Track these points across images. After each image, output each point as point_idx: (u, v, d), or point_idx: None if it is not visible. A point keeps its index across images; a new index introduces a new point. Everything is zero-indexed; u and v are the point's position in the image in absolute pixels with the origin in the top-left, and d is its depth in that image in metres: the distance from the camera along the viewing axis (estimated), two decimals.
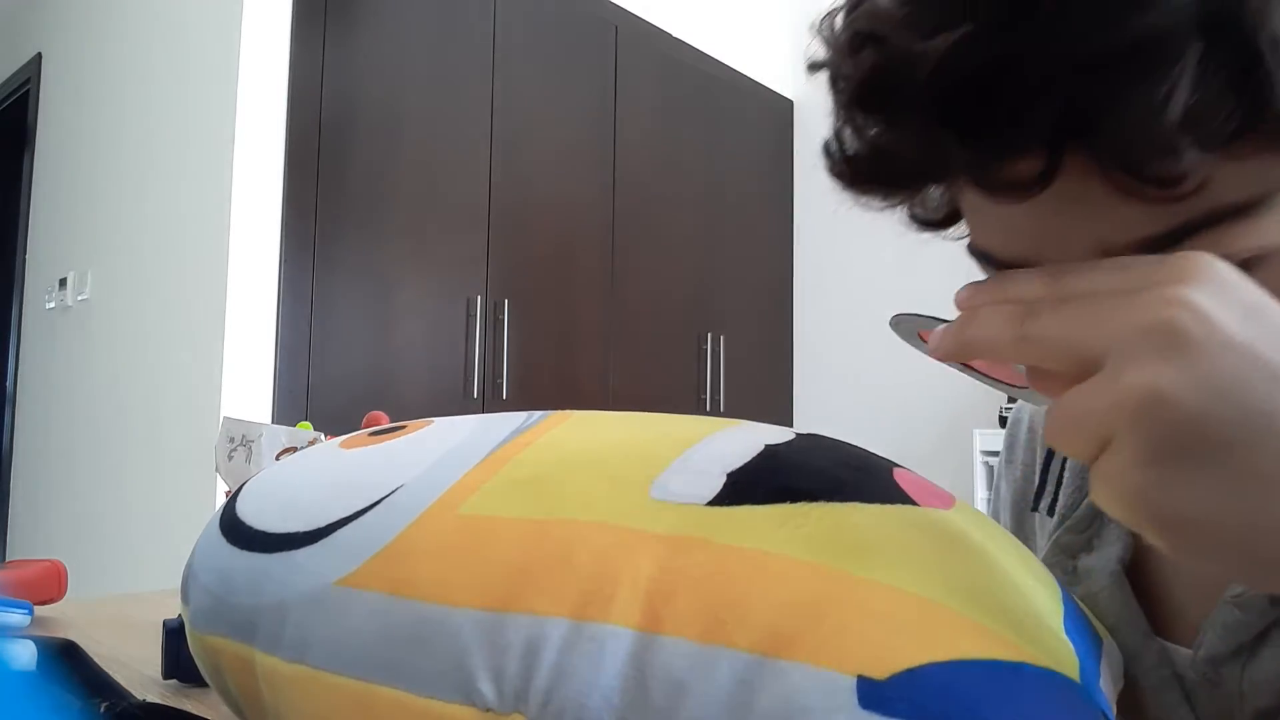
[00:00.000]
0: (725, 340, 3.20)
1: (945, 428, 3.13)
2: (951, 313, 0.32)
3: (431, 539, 0.31)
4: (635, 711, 0.25)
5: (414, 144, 2.30)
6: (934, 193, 0.37)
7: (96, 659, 0.51)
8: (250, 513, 0.37)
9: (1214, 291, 0.23)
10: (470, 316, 2.39)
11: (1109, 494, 0.24)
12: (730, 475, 0.30)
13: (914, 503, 0.30)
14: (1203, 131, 0.26)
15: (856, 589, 0.26)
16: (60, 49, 3.16)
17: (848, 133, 0.34)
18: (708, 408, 3.10)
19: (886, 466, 0.33)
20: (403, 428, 0.41)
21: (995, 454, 2.86)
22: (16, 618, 0.69)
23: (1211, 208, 0.28)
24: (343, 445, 0.40)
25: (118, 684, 0.47)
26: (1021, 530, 0.53)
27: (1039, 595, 0.30)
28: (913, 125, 0.29)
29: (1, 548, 3.19)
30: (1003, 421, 2.85)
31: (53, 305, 2.92)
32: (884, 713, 0.23)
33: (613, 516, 0.30)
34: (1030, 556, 0.34)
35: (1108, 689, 0.32)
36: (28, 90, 3.32)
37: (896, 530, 0.29)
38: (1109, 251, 0.29)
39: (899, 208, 0.38)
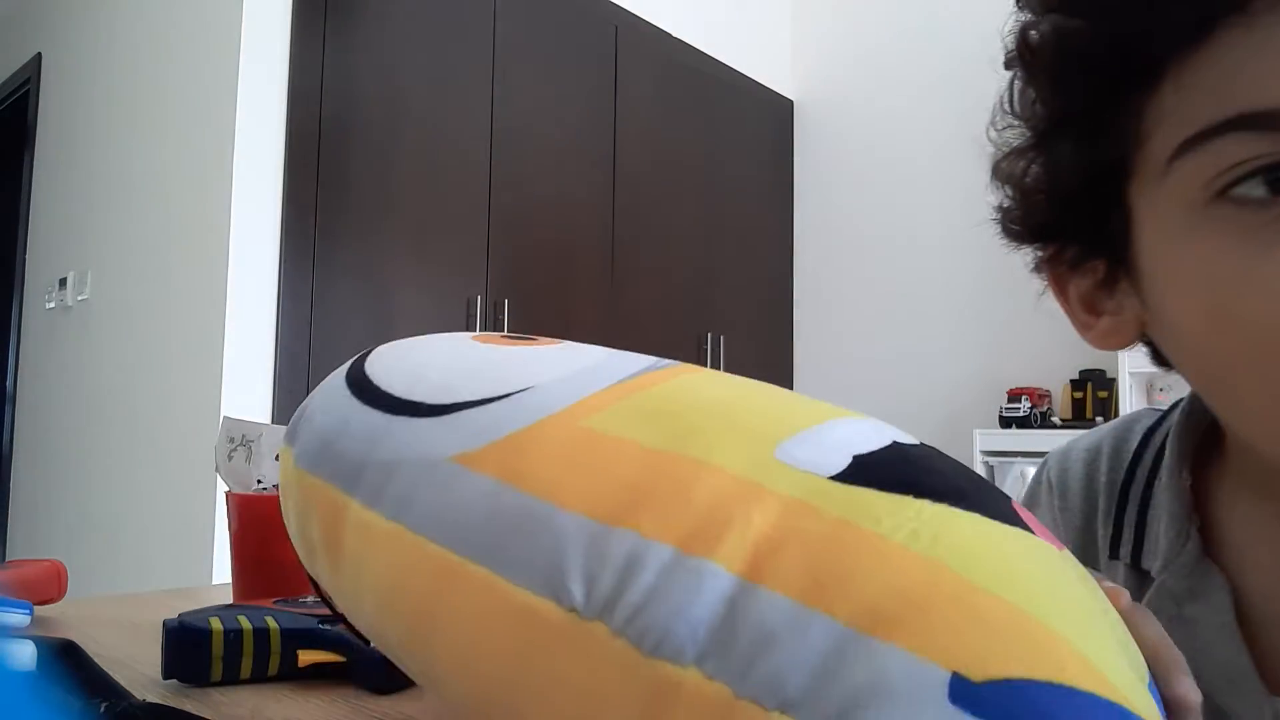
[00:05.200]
0: (725, 340, 3.20)
1: (945, 427, 3.13)
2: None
3: (553, 441, 0.31)
4: (718, 649, 0.25)
5: (414, 144, 2.30)
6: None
7: (96, 659, 0.51)
8: (378, 374, 0.38)
9: None
10: (470, 316, 2.39)
11: None
12: (856, 457, 0.30)
13: (1031, 530, 0.30)
14: None
15: (967, 592, 0.26)
16: (60, 49, 3.16)
17: None
18: None
19: (1006, 496, 0.33)
20: (532, 339, 0.41)
21: (995, 454, 2.86)
22: (16, 618, 0.69)
23: None
24: (475, 339, 0.41)
25: (118, 684, 0.47)
26: None
27: (1132, 650, 0.30)
28: None
29: (1, 548, 3.19)
30: (1003, 422, 2.85)
31: (53, 305, 2.92)
32: (973, 713, 0.23)
33: (735, 466, 0.30)
34: (1118, 616, 0.33)
35: None
36: (28, 90, 3.33)
37: (1014, 547, 0.28)
38: None
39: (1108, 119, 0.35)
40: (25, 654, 0.43)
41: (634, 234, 2.89)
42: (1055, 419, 2.84)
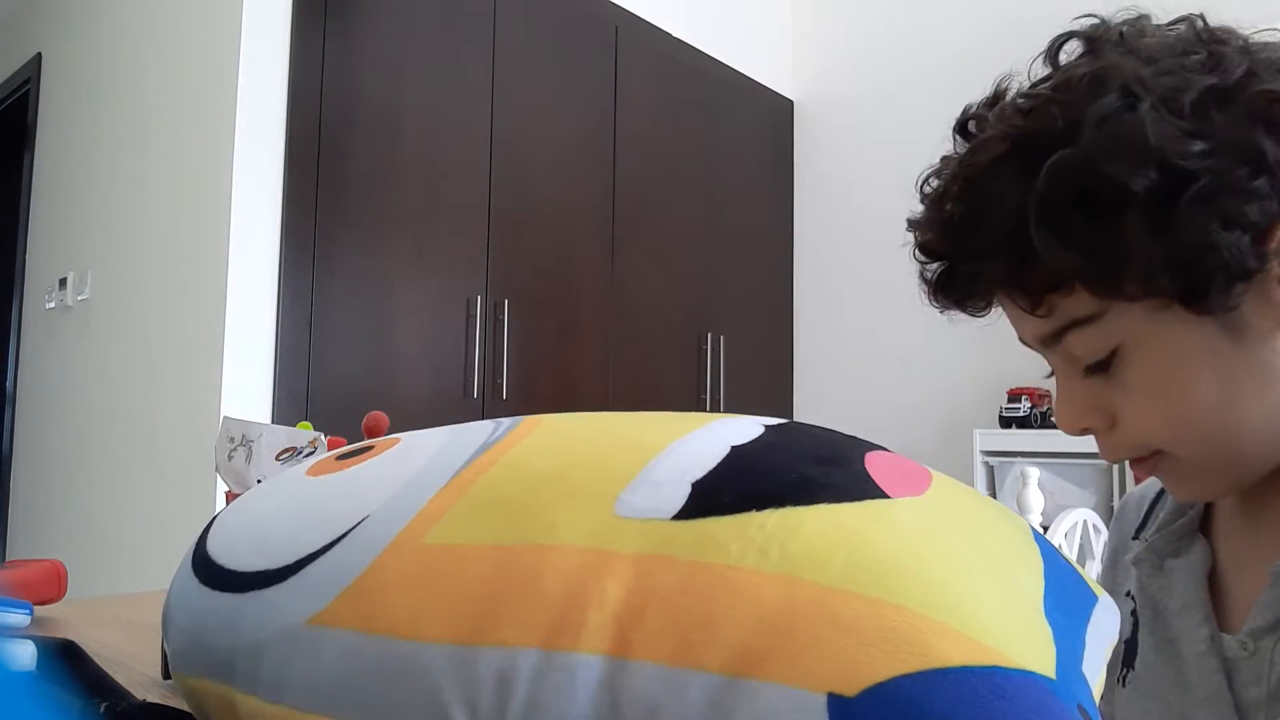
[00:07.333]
0: (725, 340, 3.20)
1: (945, 428, 3.12)
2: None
3: (399, 572, 0.31)
4: None
5: (414, 144, 2.30)
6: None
7: (96, 659, 0.51)
8: (220, 551, 0.37)
9: None
10: (470, 316, 2.39)
11: None
12: (695, 485, 0.30)
13: (884, 494, 0.30)
14: (1030, 286, 0.49)
15: (825, 600, 0.26)
16: (60, 49, 3.16)
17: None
18: (708, 407, 3.10)
19: (859, 453, 0.33)
20: (370, 448, 0.40)
21: (995, 454, 2.86)
22: (16, 618, 0.69)
23: (1070, 318, 0.49)
24: (309, 473, 0.40)
25: (118, 684, 0.47)
26: (1114, 568, 0.66)
27: (1018, 575, 0.30)
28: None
29: (1, 548, 3.19)
30: (1003, 422, 2.85)
31: (53, 305, 2.92)
32: None
33: (578, 538, 0.29)
34: (1015, 528, 0.33)
35: (1095, 659, 0.32)
36: (28, 90, 3.32)
37: (867, 528, 0.28)
38: (1039, 338, 0.52)
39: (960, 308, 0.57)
40: (25, 654, 0.43)
41: (634, 234, 2.89)
42: (1055, 419, 2.83)
